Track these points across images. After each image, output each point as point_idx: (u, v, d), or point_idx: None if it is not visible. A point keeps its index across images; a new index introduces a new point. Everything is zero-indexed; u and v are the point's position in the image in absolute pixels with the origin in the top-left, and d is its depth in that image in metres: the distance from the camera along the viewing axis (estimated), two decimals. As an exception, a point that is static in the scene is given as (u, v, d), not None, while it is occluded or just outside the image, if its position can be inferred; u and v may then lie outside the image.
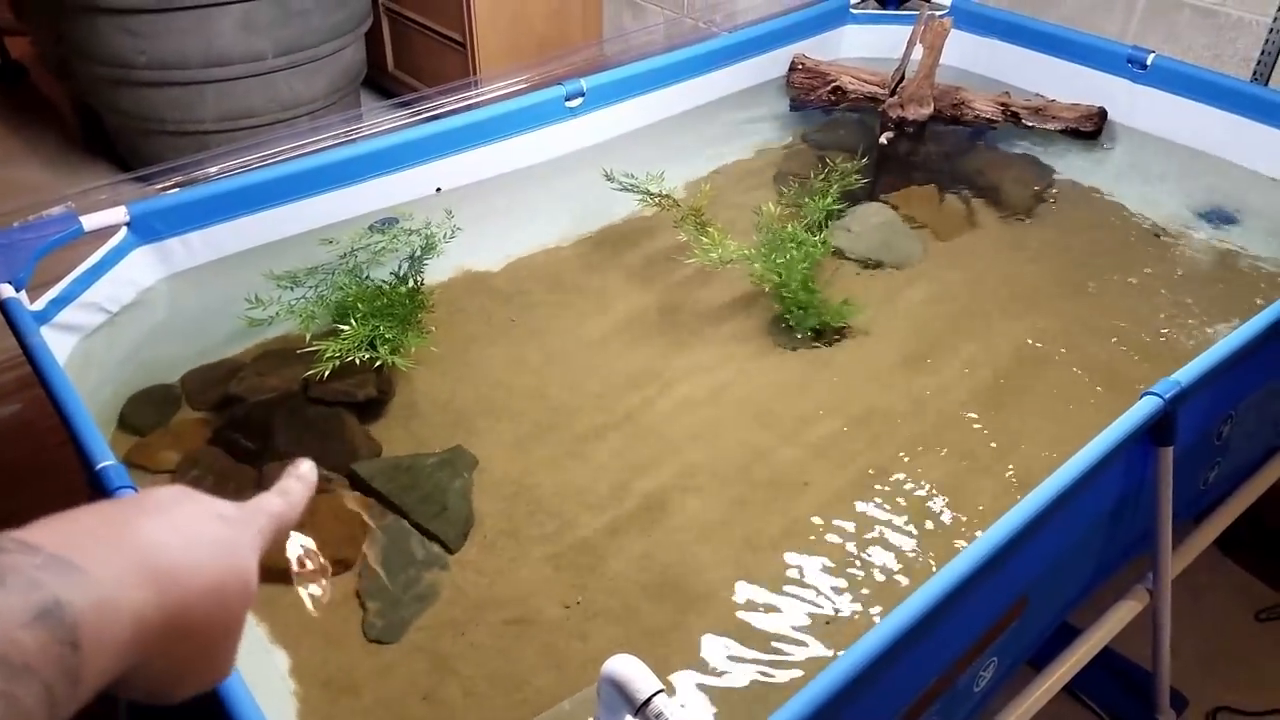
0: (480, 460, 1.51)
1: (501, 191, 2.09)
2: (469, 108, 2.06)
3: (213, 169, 1.76)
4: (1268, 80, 2.19)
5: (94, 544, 0.38)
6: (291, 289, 1.69)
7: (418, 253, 1.75)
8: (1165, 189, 2.20)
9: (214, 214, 1.75)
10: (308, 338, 1.57)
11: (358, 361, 1.54)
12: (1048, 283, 1.93)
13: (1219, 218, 2.11)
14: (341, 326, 1.58)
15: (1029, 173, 2.29)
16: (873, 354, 1.76)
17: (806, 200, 2.00)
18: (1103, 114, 2.32)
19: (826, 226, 1.99)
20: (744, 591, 1.32)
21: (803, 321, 1.80)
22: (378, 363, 1.57)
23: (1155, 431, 1.25)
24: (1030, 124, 2.35)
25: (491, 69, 2.88)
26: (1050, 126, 2.34)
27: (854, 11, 2.63)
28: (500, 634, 1.26)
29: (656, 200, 1.98)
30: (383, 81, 3.36)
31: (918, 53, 2.33)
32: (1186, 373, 1.28)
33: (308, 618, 1.27)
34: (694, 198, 2.02)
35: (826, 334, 1.80)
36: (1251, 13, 2.16)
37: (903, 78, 2.34)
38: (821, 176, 2.04)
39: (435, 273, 1.82)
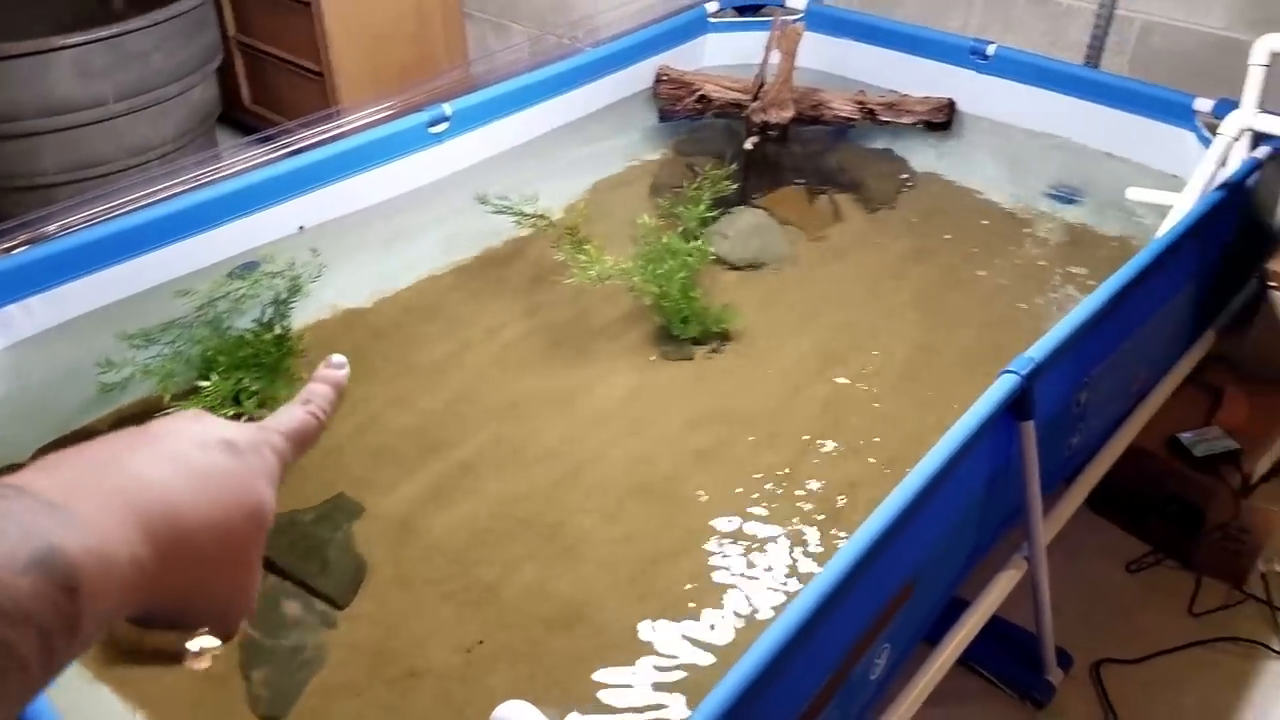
0: (365, 507, 1.47)
1: (369, 225, 2.06)
2: (330, 140, 2.03)
3: (51, 226, 1.67)
4: (1098, 62, 2.32)
5: (88, 486, 0.37)
6: (146, 347, 1.59)
7: (283, 296, 1.69)
8: (1015, 172, 2.32)
9: (56, 274, 1.64)
10: (166, 399, 1.50)
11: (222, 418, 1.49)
12: (916, 272, 2.01)
13: (1065, 196, 2.23)
14: (202, 383, 1.52)
15: (889, 166, 2.38)
16: (757, 357, 1.80)
17: (681, 209, 2.03)
18: (952, 105, 2.42)
19: (702, 234, 2.03)
20: (645, 612, 1.33)
21: (685, 330, 1.83)
22: (244, 418, 1.53)
23: (1015, 408, 1.31)
24: (886, 119, 2.44)
25: (354, 98, 2.84)
26: (905, 120, 2.43)
27: (712, 20, 2.69)
28: (398, 689, 1.23)
29: (531, 221, 1.99)
30: (241, 118, 3.27)
31: (775, 58, 2.40)
32: (1039, 349, 1.35)
33: (189, 697, 1.21)
34: (569, 216, 2.03)
35: (710, 341, 1.84)
36: (1080, 0, 2.30)
37: (763, 83, 2.40)
38: (694, 185, 2.08)
39: (304, 315, 1.78)
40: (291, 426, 0.49)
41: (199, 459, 0.41)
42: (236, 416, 1.47)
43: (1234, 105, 2.01)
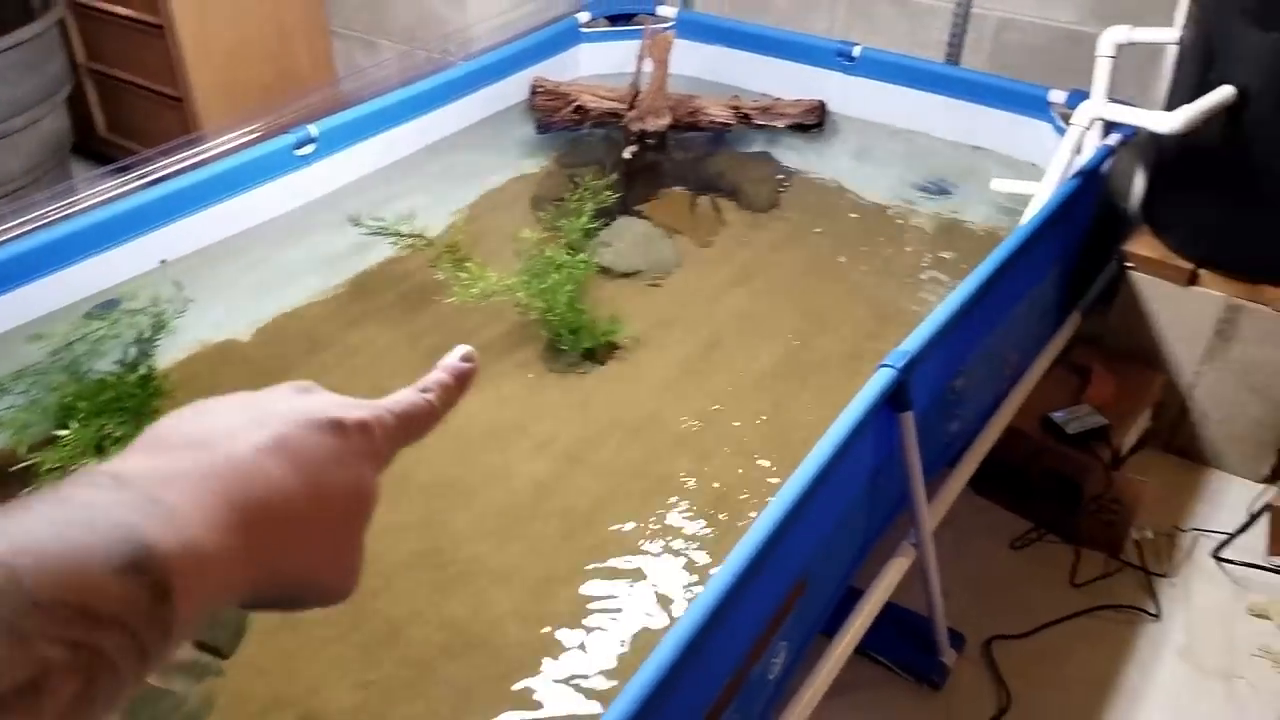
0: None
1: (237, 254, 1.99)
2: (191, 167, 1.95)
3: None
4: (959, 59, 2.40)
5: (185, 475, 0.35)
6: (-4, 398, 1.53)
7: (146, 334, 1.62)
8: (886, 169, 2.38)
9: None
10: (22, 451, 1.41)
11: (74, 466, 1.39)
12: (800, 272, 2.04)
13: (936, 189, 2.30)
14: (61, 432, 1.43)
15: (766, 169, 2.42)
16: (646, 366, 1.80)
17: (564, 222, 2.02)
18: (823, 107, 2.48)
19: (586, 245, 2.02)
20: (545, 632, 1.32)
21: (574, 344, 1.82)
22: None
23: (893, 400, 1.34)
24: (761, 123, 2.48)
25: (215, 122, 2.74)
26: (778, 124, 2.48)
27: (584, 31, 2.69)
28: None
29: (409, 241, 1.95)
30: (97, 148, 3.10)
31: (649, 66, 2.41)
32: (913, 341, 1.39)
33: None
34: (448, 233, 2.00)
35: (599, 352, 1.83)
36: (938, 0, 2.37)
37: (638, 92, 2.41)
38: (575, 196, 2.07)
39: (172, 352, 1.70)
40: (403, 409, 0.46)
41: (301, 440, 0.39)
42: None
43: (1086, 96, 2.10)
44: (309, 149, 2.06)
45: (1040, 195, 1.86)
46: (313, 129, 2.05)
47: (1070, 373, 1.94)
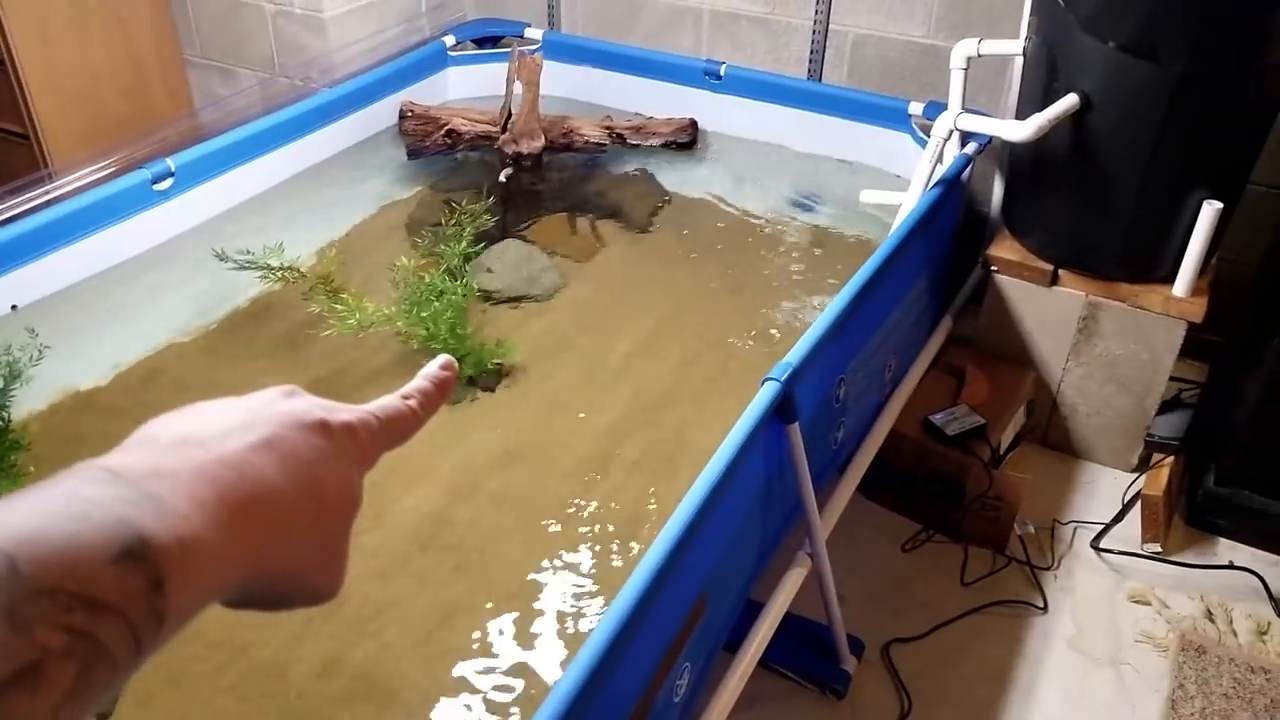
0: None
1: (96, 295, 1.88)
2: (41, 206, 1.84)
3: None
4: (821, 75, 2.47)
5: (178, 471, 0.36)
6: None
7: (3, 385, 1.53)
8: (759, 184, 2.42)
9: None
10: None
11: None
12: (682, 289, 2.05)
13: (806, 202, 2.36)
14: None
15: (643, 188, 2.43)
16: (534, 390, 1.78)
17: (442, 247, 1.98)
18: (694, 125, 2.51)
19: (466, 270, 1.99)
20: (443, 671, 1.28)
21: (460, 371, 1.78)
22: None
23: (780, 412, 1.36)
24: (634, 142, 2.49)
25: (68, 159, 2.59)
26: (652, 142, 2.50)
27: (452, 54, 2.66)
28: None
29: (279, 274, 1.88)
30: (-61, 188, 2.93)
31: (519, 88, 2.40)
32: (796, 353, 1.41)
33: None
34: (321, 264, 1.94)
35: (484, 379, 1.80)
36: (796, 18, 2.44)
37: (510, 114, 2.39)
38: (453, 221, 2.04)
39: (30, 402, 1.60)
40: (387, 414, 0.46)
41: (290, 441, 0.40)
42: None
43: (943, 107, 2.19)
44: (167, 183, 1.97)
45: (906, 205, 1.92)
46: (170, 162, 1.96)
47: (947, 375, 2.01)
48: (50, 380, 1.65)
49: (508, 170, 2.34)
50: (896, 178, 2.36)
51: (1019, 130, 1.72)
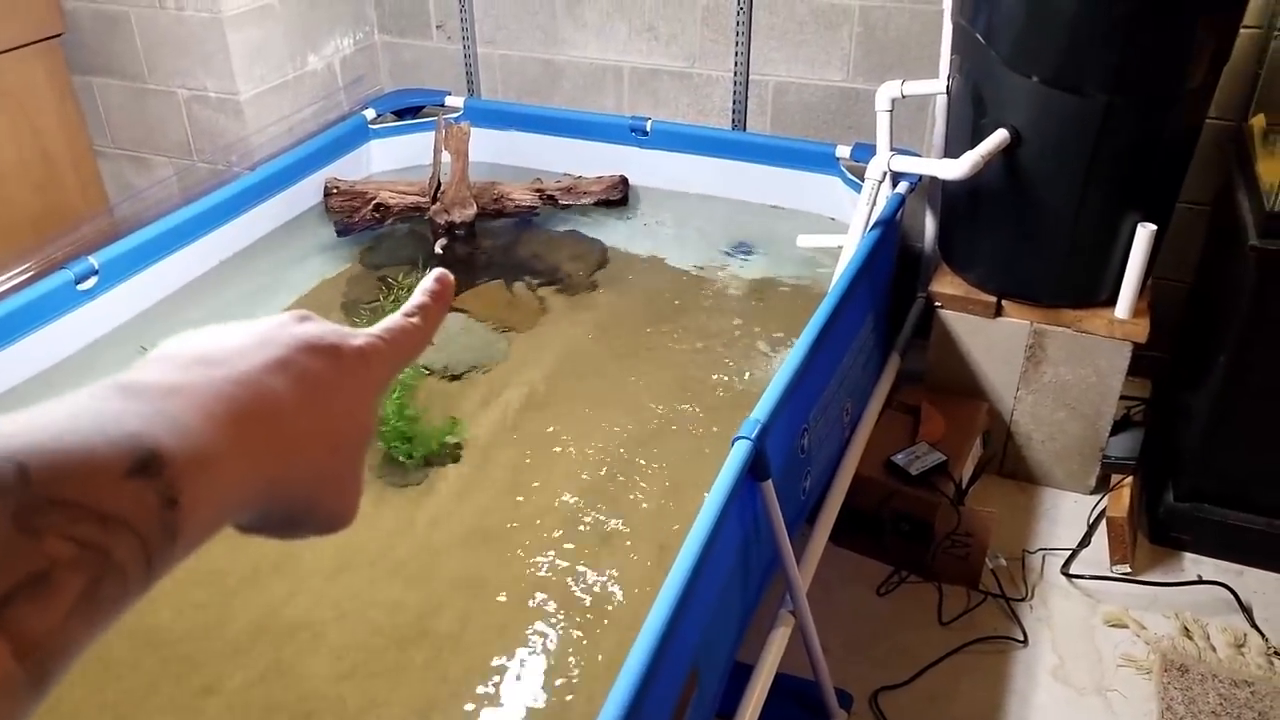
0: None
1: (22, 405, 1.78)
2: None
3: None
4: (745, 124, 2.50)
5: (196, 389, 0.36)
6: None
7: None
8: (694, 236, 2.43)
9: None
10: None
11: None
12: (625, 351, 2.02)
13: (743, 250, 2.36)
14: None
15: (579, 248, 2.41)
16: (491, 467, 1.72)
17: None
18: (624, 181, 2.51)
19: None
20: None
21: (411, 453, 1.72)
22: None
23: (754, 470, 1.34)
24: (566, 203, 2.48)
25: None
26: (584, 202, 2.49)
27: (373, 127, 2.62)
28: None
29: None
30: None
31: (447, 158, 2.37)
32: (762, 409, 1.39)
33: None
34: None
35: (440, 459, 1.75)
36: (716, 70, 2.46)
37: (439, 184, 2.36)
38: (391, 298, 1.99)
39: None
40: (394, 334, 0.46)
41: (304, 363, 0.40)
42: None
43: (869, 149, 2.22)
44: (91, 282, 1.89)
45: (847, 248, 1.93)
46: (94, 260, 1.88)
47: (902, 413, 2.01)
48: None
49: (442, 241, 2.30)
50: (830, 220, 2.38)
51: (954, 169, 1.75)
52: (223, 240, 2.22)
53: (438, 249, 2.29)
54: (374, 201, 2.41)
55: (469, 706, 1.31)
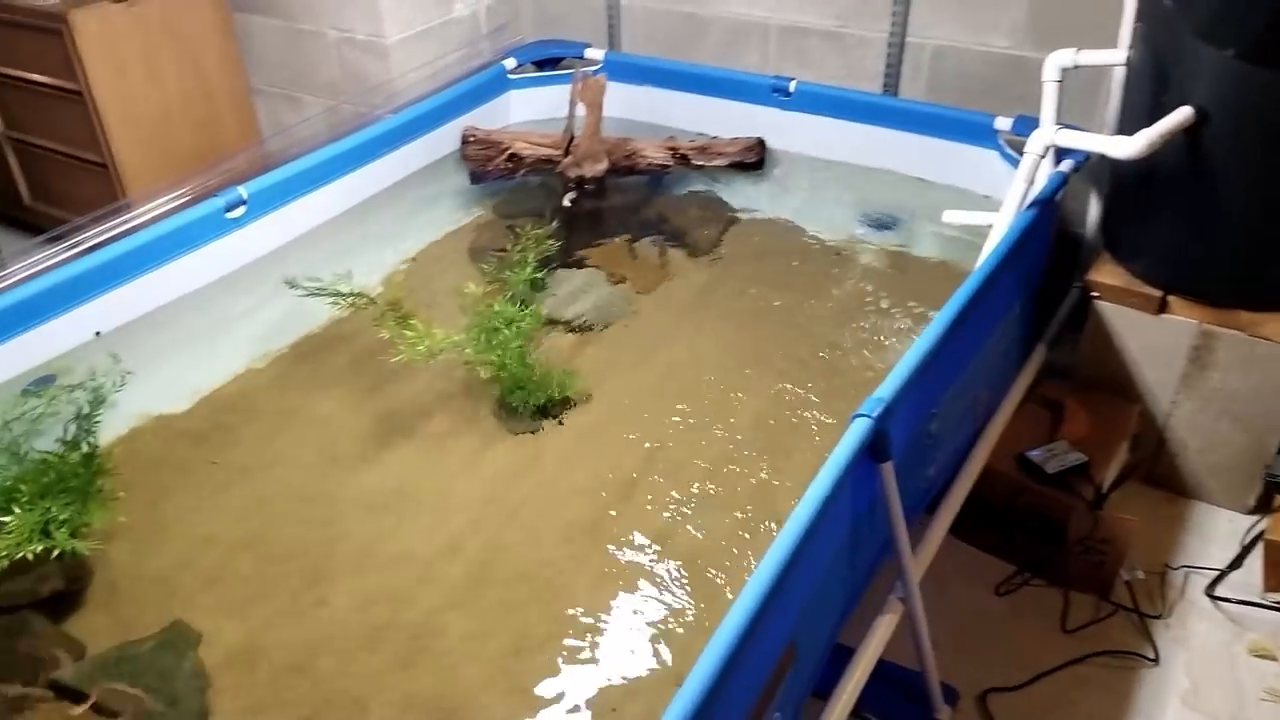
0: (204, 633, 1.32)
1: (173, 322, 1.88)
2: (123, 235, 1.84)
3: None
4: (897, 89, 2.37)
5: None
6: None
7: (85, 410, 1.52)
8: (829, 204, 2.33)
9: None
10: None
11: (30, 556, 1.31)
12: (752, 316, 1.96)
13: (881, 223, 2.25)
14: (4, 519, 1.34)
15: (708, 210, 2.35)
16: (603, 421, 1.70)
17: (508, 274, 1.93)
18: (762, 144, 2.43)
19: (532, 297, 1.93)
20: (520, 707, 1.22)
21: (526, 401, 1.72)
22: (56, 551, 1.34)
23: (872, 450, 1.26)
24: (699, 163, 2.42)
25: (142, 188, 2.60)
26: (718, 163, 2.42)
27: (512, 77, 2.62)
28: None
29: (348, 301, 1.83)
30: (21, 217, 2.98)
31: (581, 110, 2.34)
32: (887, 387, 1.31)
33: None
34: (389, 290, 1.90)
35: (553, 409, 1.73)
36: (871, 31, 2.34)
37: (572, 137, 2.34)
38: (519, 247, 1.98)
39: (114, 427, 1.61)
40: None
41: None
42: (48, 552, 1.31)
43: (1032, 122, 2.07)
44: (239, 211, 1.96)
45: (999, 226, 1.81)
46: (243, 190, 1.96)
47: (1042, 408, 1.88)
48: (130, 405, 1.65)
49: (571, 194, 2.28)
50: (983, 197, 2.24)
51: (1126, 146, 1.61)
52: (362, 180, 2.26)
53: (566, 201, 2.27)
54: (508, 151, 2.41)
55: (569, 642, 1.31)
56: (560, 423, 1.71)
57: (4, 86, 2.77)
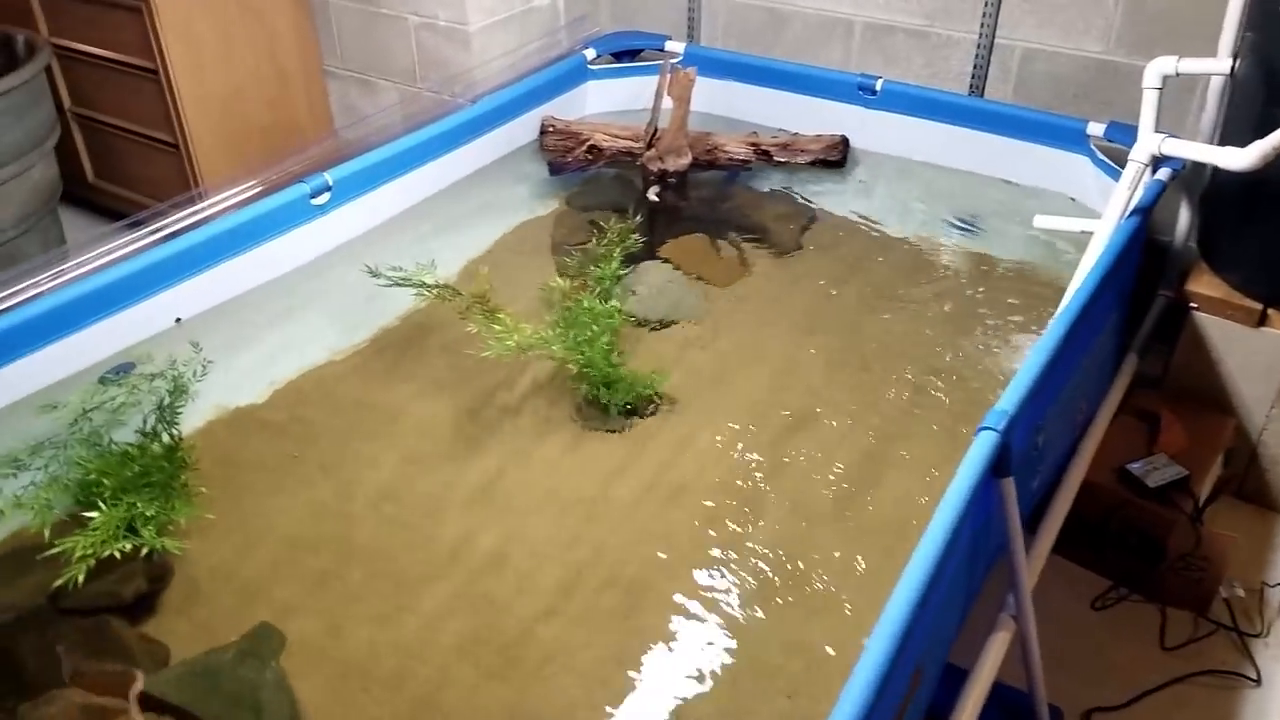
0: (290, 637, 1.28)
1: (252, 310, 1.86)
2: (203, 221, 1.83)
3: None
4: (983, 91, 2.34)
5: None
6: (15, 475, 1.39)
7: (166, 400, 1.49)
8: (913, 205, 2.30)
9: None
10: (46, 534, 1.29)
11: (117, 555, 1.27)
12: (834, 319, 1.93)
13: (964, 224, 2.22)
14: (89, 514, 1.30)
15: (788, 208, 2.33)
16: (693, 421, 1.69)
17: (593, 268, 1.91)
18: (845, 142, 2.40)
19: (616, 294, 1.91)
20: (622, 722, 1.20)
21: (614, 399, 1.70)
22: (145, 551, 1.31)
23: (996, 466, 1.24)
24: (781, 160, 2.39)
25: (212, 168, 2.60)
26: (800, 160, 2.39)
27: (592, 68, 2.60)
28: None
29: (434, 292, 1.82)
30: (86, 195, 2.96)
31: (667, 104, 2.32)
32: (1009, 399, 1.29)
33: None
34: (474, 283, 1.88)
35: (642, 407, 1.72)
36: (959, 31, 2.31)
37: (656, 130, 2.32)
38: (605, 241, 1.97)
39: (189, 419, 1.57)
40: None
41: None
42: (136, 550, 1.27)
43: (1126, 129, 2.04)
44: (324, 198, 1.94)
45: (1100, 234, 1.78)
46: (328, 176, 1.94)
47: (1138, 420, 1.86)
48: (209, 396, 1.63)
49: (656, 188, 2.26)
50: (1070, 200, 2.21)
51: (1240, 158, 1.57)
52: (440, 169, 2.24)
53: (652, 196, 2.25)
54: (588, 143, 2.39)
55: (671, 652, 1.28)
56: (650, 422, 1.69)
57: (74, 63, 2.75)
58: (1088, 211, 2.17)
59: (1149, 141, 1.76)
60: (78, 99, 2.85)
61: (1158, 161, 1.87)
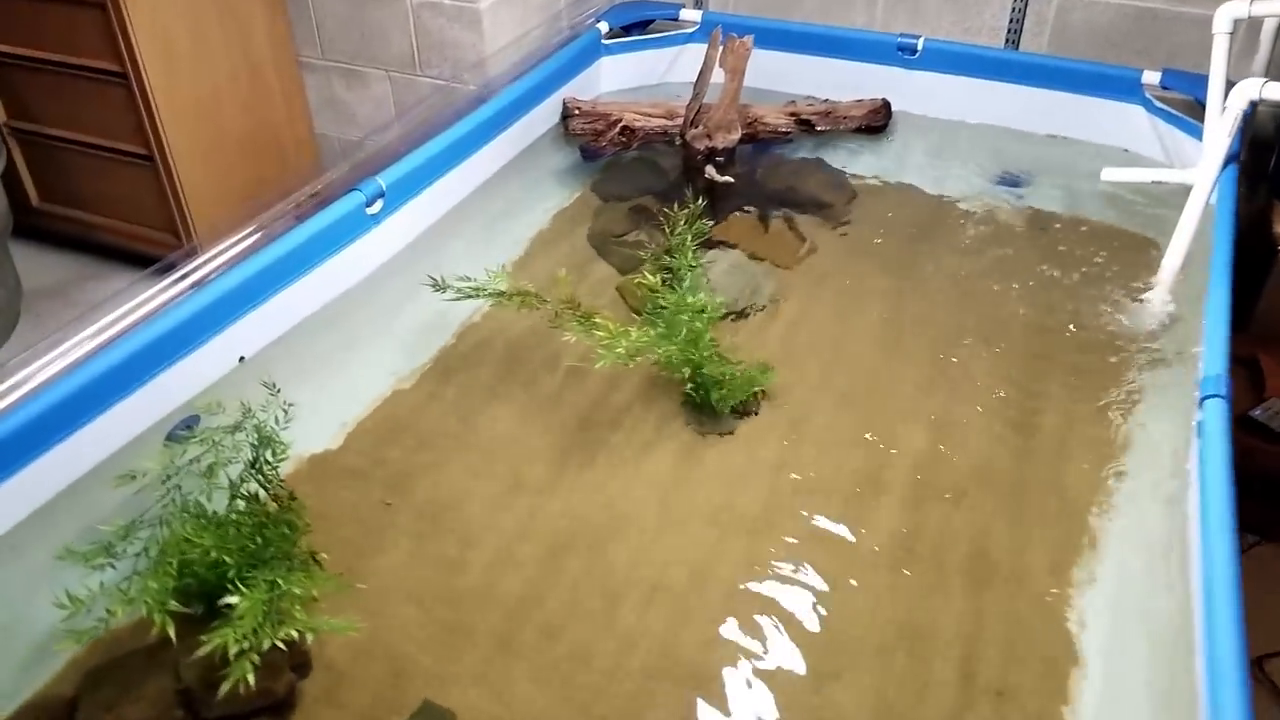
0: (457, 711, 1.14)
1: (312, 337, 1.66)
2: (250, 249, 1.61)
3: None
4: (1019, 44, 2.29)
5: None
6: (113, 566, 1.17)
7: (260, 455, 1.30)
8: (959, 166, 2.23)
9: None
10: (172, 634, 1.07)
11: (283, 647, 1.08)
12: (911, 293, 1.84)
13: (1012, 182, 2.17)
14: (231, 600, 1.10)
15: (833, 177, 2.23)
16: (806, 417, 1.57)
17: (670, 259, 1.78)
18: (888, 106, 2.32)
19: (699, 284, 1.79)
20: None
21: (726, 399, 1.58)
22: (304, 637, 1.12)
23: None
24: (823, 128, 2.30)
25: (194, 183, 2.34)
26: (843, 128, 2.30)
27: (606, 43, 2.44)
28: None
29: (520, 299, 1.65)
30: (31, 222, 2.58)
31: (718, 77, 2.18)
32: (1212, 364, 1.24)
33: None
34: (556, 287, 1.72)
35: (749, 407, 1.61)
36: (988, -16, 2.25)
37: (700, 106, 2.18)
38: (678, 231, 1.83)
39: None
40: None
41: None
42: (289, 644, 1.09)
43: (1182, 76, 2.02)
44: (378, 206, 1.75)
45: (1200, 185, 1.74)
46: (381, 180, 1.75)
47: (1236, 365, 1.83)
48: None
49: (711, 168, 2.13)
50: (1124, 152, 2.18)
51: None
52: (475, 165, 2.07)
53: (718, 177, 2.11)
54: (619, 124, 2.24)
55: (859, 692, 1.18)
56: (762, 419, 1.57)
57: (10, 69, 2.43)
58: (1142, 161, 2.15)
59: (1249, 86, 1.72)
60: (15, 112, 2.53)
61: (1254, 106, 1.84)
